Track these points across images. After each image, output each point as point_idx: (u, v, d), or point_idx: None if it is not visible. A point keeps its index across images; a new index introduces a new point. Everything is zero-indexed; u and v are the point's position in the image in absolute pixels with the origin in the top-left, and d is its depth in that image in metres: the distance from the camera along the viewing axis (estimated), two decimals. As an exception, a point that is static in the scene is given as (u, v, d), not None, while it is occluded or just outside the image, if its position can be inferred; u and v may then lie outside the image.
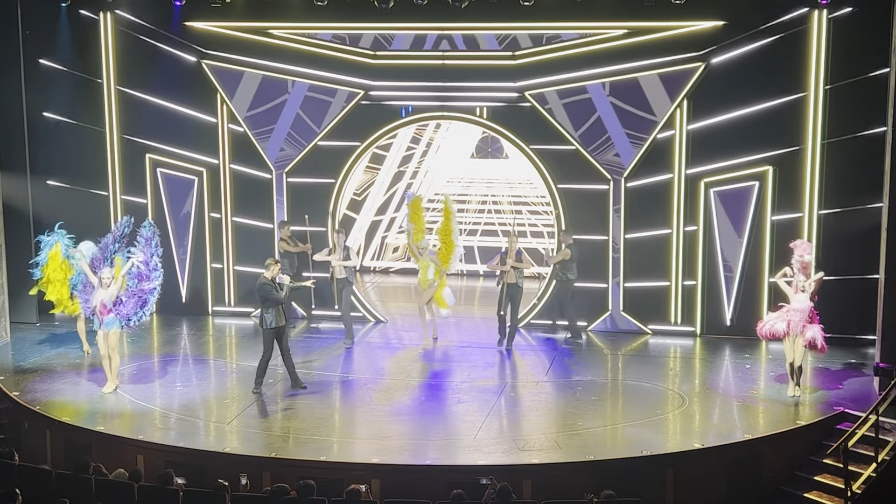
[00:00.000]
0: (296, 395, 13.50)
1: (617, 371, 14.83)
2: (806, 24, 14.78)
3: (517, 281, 15.18)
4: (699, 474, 11.49)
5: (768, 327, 13.04)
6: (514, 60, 16.10)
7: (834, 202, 15.01)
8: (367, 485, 10.36)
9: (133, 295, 13.76)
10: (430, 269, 15.44)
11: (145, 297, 13.89)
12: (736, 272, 15.64)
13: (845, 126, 14.77)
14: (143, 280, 13.89)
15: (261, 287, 13.36)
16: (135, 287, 13.83)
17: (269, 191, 17.01)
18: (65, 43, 16.78)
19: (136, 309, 13.74)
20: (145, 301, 13.91)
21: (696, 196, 15.63)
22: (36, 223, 16.66)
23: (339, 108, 16.49)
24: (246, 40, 16.55)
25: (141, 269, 13.86)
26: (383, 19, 15.85)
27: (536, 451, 11.59)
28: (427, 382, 14.14)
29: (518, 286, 15.22)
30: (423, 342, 15.76)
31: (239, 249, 17.24)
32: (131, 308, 13.69)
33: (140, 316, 13.85)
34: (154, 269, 14.04)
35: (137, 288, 13.85)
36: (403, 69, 16.47)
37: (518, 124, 16.24)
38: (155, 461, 11.44)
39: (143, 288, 13.85)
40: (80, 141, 17.09)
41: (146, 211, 17.05)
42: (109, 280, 13.36)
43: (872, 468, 11.31)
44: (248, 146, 16.94)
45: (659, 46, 15.41)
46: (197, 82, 16.79)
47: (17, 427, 13.25)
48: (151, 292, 13.96)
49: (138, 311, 13.81)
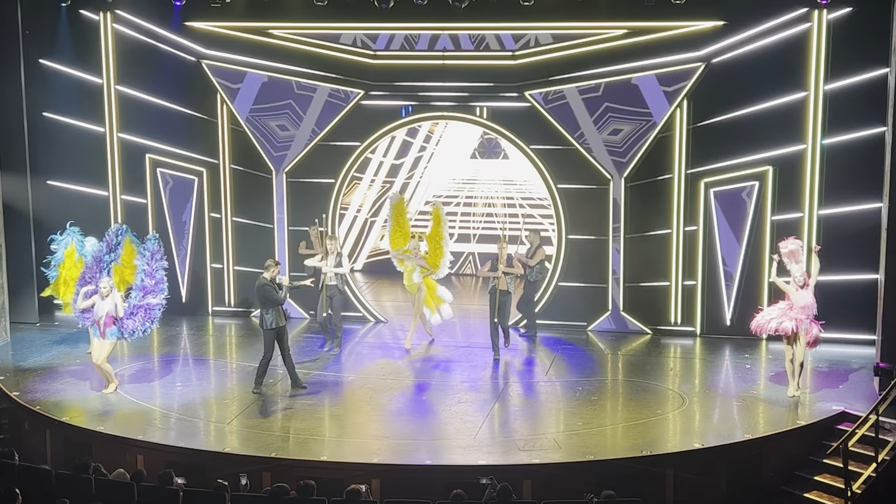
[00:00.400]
0: (296, 395, 13.50)
1: (617, 371, 14.83)
2: (806, 24, 14.79)
3: (509, 287, 14.79)
4: (699, 474, 11.49)
5: (774, 324, 12.95)
6: (514, 60, 16.11)
7: (834, 202, 15.01)
8: (367, 485, 10.35)
9: (140, 308, 13.77)
10: (416, 272, 15.31)
11: (152, 312, 13.90)
12: (736, 272, 15.64)
13: (845, 126, 14.77)
14: (150, 294, 13.87)
15: (260, 288, 13.37)
16: (140, 300, 13.80)
17: (269, 191, 17.01)
18: (65, 43, 16.78)
19: (143, 322, 13.79)
20: (152, 316, 13.95)
21: (696, 196, 15.64)
22: (36, 223, 16.68)
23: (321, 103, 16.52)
24: (246, 40, 16.56)
25: (146, 283, 13.84)
26: (383, 19, 15.85)
27: (536, 451, 11.59)
28: (427, 382, 14.14)
29: (509, 293, 14.85)
30: (429, 335, 15.84)
31: (239, 249, 17.25)
32: (139, 322, 13.74)
33: (146, 329, 13.88)
34: (160, 281, 14.01)
35: (144, 302, 13.81)
36: (403, 69, 16.48)
37: (518, 124, 16.24)
38: (155, 461, 11.44)
39: (149, 302, 13.83)
40: (80, 141, 17.08)
41: (146, 211, 17.07)
42: (109, 290, 13.32)
43: (872, 468, 11.31)
44: (249, 146, 16.94)
45: (659, 46, 15.42)
46: (197, 82, 16.79)
47: (17, 427, 13.25)
48: (158, 307, 13.94)
49: (145, 325, 13.86)
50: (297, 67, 16.54)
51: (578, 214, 16.21)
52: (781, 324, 12.89)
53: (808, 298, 12.82)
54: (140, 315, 13.76)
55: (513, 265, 14.81)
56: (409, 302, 15.80)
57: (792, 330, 12.80)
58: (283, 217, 16.82)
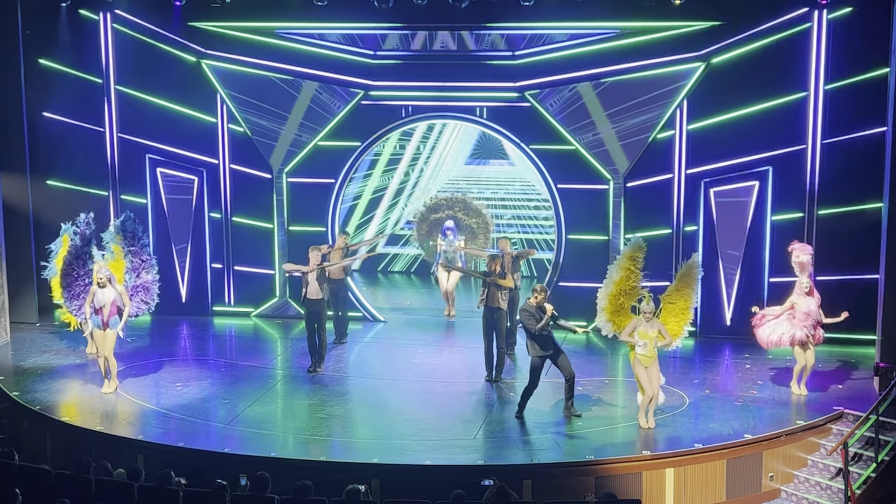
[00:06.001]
0: (296, 395, 13.55)
1: (617, 371, 14.82)
2: (806, 23, 14.79)
3: (500, 304, 13.66)
4: (699, 474, 11.49)
5: (787, 337, 12.92)
6: (514, 60, 16.11)
7: (834, 202, 15.01)
8: (366, 485, 10.35)
9: (137, 289, 13.96)
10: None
11: (151, 288, 14.23)
12: (736, 273, 15.63)
13: (845, 126, 14.77)
14: (143, 271, 14.01)
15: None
16: (135, 281, 13.97)
17: (270, 191, 17.01)
18: (65, 43, 16.78)
19: (144, 301, 14.11)
20: (152, 293, 14.29)
21: (697, 196, 15.63)
22: (36, 223, 16.68)
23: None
24: (246, 40, 16.56)
25: (135, 262, 14.01)
26: (383, 19, 15.85)
27: (536, 451, 11.60)
28: (427, 382, 14.13)
29: (501, 310, 13.69)
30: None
31: (239, 249, 17.24)
32: (140, 301, 14.01)
33: (149, 308, 14.22)
34: (149, 258, 14.25)
35: (140, 281, 13.99)
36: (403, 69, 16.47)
37: (518, 124, 16.24)
38: (155, 461, 11.43)
39: (145, 280, 14.03)
40: (80, 141, 17.08)
41: (146, 211, 17.07)
42: (105, 278, 13.31)
43: (872, 468, 11.32)
44: (249, 146, 16.94)
45: (659, 46, 15.42)
46: (197, 82, 16.79)
47: (17, 427, 13.25)
48: (154, 282, 14.28)
49: (148, 304, 14.25)
50: (297, 67, 16.53)
51: (578, 214, 16.21)
52: (794, 335, 12.87)
53: (811, 305, 12.82)
54: (140, 295, 14.08)
55: (504, 277, 13.74)
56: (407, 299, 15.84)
57: (805, 340, 12.81)
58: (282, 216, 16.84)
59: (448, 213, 18.26)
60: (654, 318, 11.98)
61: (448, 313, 17.17)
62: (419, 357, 15.21)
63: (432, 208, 18.59)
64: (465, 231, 18.00)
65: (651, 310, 11.91)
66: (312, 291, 14.12)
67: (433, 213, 18.50)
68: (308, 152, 16.77)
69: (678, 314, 12.61)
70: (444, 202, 18.55)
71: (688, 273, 12.78)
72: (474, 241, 18.05)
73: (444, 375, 14.41)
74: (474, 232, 18.20)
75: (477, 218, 18.32)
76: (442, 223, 17.83)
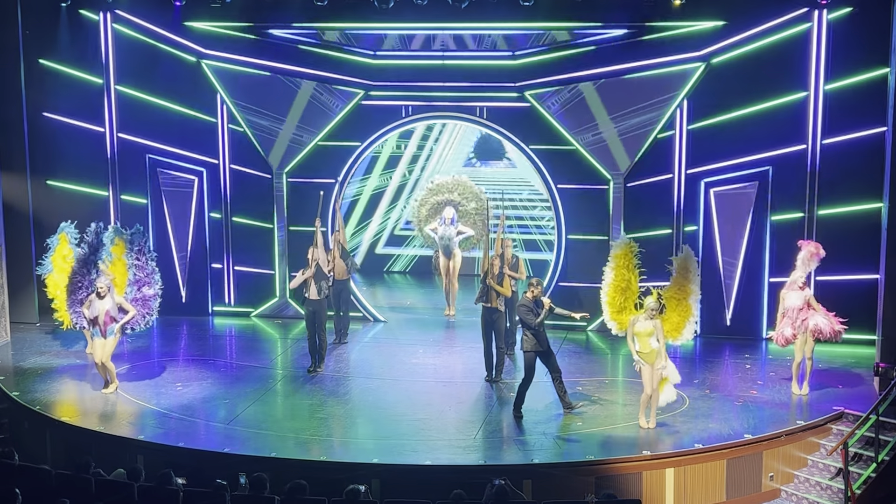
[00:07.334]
0: (296, 395, 13.55)
1: (617, 371, 14.82)
2: (806, 23, 14.79)
3: (498, 305, 13.56)
4: (699, 474, 11.49)
5: (783, 340, 13.07)
6: (514, 60, 16.11)
7: (834, 202, 15.01)
8: (366, 485, 10.35)
9: (136, 302, 13.87)
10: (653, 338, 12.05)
11: (150, 303, 14.04)
12: (736, 272, 15.64)
13: (845, 126, 14.77)
14: (144, 285, 13.94)
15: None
16: (136, 294, 13.90)
17: (270, 191, 17.01)
18: (65, 43, 16.77)
19: (143, 315, 13.90)
20: (151, 307, 14.17)
21: (697, 196, 15.63)
22: (36, 223, 16.68)
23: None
24: (246, 40, 16.55)
25: (138, 276, 13.94)
26: (383, 19, 15.85)
27: (536, 451, 11.60)
28: (427, 382, 14.13)
29: (500, 311, 13.61)
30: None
31: (239, 249, 17.23)
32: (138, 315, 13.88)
33: (147, 322, 14.08)
34: (152, 272, 14.15)
35: (140, 294, 13.91)
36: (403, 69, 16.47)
37: (518, 124, 16.24)
38: (155, 461, 11.43)
39: (145, 294, 13.93)
40: (80, 141, 17.08)
41: (146, 211, 17.07)
42: (106, 289, 13.31)
43: (872, 468, 11.31)
44: (248, 146, 16.94)
45: (659, 46, 15.42)
46: (197, 82, 16.79)
47: (17, 427, 13.25)
48: (154, 297, 14.09)
49: (145, 317, 14.10)
50: (297, 67, 16.52)
51: (578, 214, 16.20)
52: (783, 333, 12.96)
53: (796, 301, 12.84)
54: (138, 308, 13.96)
55: (503, 282, 13.60)
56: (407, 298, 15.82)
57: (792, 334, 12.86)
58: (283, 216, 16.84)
59: (447, 196, 18.28)
60: (655, 316, 11.94)
61: (448, 313, 17.17)
62: (419, 357, 15.21)
63: (433, 191, 18.61)
64: (465, 217, 18.01)
65: (653, 306, 11.87)
66: (313, 292, 14.18)
67: (434, 196, 18.52)
68: (308, 152, 16.79)
69: (679, 309, 12.87)
70: (444, 185, 18.58)
71: (683, 266, 13.04)
72: (473, 227, 18.07)
73: (444, 375, 14.41)
74: (473, 218, 18.18)
75: (476, 203, 18.33)
76: (442, 207, 17.84)
